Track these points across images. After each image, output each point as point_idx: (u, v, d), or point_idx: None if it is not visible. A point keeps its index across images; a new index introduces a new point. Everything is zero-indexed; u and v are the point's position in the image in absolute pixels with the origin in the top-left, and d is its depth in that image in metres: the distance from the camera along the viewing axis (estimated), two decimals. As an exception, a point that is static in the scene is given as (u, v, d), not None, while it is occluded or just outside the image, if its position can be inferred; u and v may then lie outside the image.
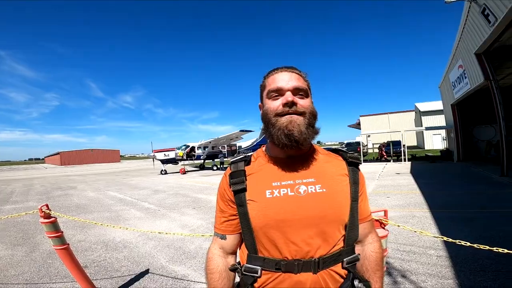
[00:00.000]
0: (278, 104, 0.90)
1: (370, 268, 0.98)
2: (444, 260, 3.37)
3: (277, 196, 0.89)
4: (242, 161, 1.01)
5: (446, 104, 19.33)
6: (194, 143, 23.57)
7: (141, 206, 8.09)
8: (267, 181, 0.93)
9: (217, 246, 1.03)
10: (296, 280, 0.84)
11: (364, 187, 1.01)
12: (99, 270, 3.63)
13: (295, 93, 0.91)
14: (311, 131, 0.91)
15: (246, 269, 0.92)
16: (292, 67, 0.98)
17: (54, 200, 10.09)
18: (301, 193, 0.89)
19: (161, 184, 14.01)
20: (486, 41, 9.41)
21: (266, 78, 0.99)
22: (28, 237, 5.34)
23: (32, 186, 16.00)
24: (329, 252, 0.87)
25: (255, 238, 0.91)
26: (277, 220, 0.87)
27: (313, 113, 0.93)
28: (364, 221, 1.00)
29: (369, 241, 1.01)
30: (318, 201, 0.88)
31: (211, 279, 0.98)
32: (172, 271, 3.50)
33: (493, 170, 11.36)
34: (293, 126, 0.87)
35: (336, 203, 0.89)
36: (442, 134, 29.76)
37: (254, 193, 0.92)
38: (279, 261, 0.86)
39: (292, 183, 0.91)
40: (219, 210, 1.04)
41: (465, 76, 12.93)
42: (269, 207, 0.88)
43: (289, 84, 0.91)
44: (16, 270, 3.80)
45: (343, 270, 0.90)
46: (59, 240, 2.80)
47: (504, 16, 7.57)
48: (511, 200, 6.33)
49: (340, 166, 0.98)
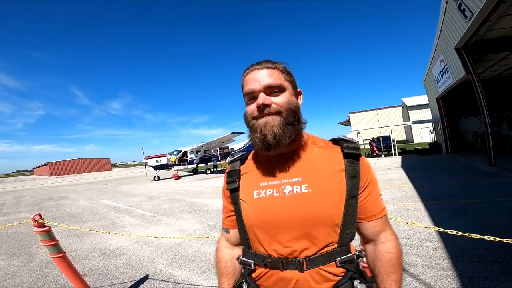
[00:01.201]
0: (254, 107, 0.89)
1: (383, 270, 0.89)
2: (441, 252, 3.43)
3: (263, 196, 0.90)
4: (238, 160, 1.06)
5: (431, 98, 19.82)
6: (186, 147, 23.48)
7: (136, 213, 8.06)
8: (256, 181, 0.95)
9: (224, 238, 1.11)
10: (282, 277, 0.85)
11: (369, 180, 0.92)
12: (99, 277, 3.65)
13: (269, 92, 0.88)
14: (290, 129, 0.87)
15: (241, 262, 0.97)
16: (265, 61, 0.93)
17: (46, 210, 9.97)
18: (286, 193, 0.87)
19: (155, 190, 13.93)
20: (464, 36, 9.75)
21: (242, 79, 0.95)
22: (23, 248, 5.30)
23: (22, 198, 15.70)
24: (317, 253, 0.85)
25: (247, 235, 0.94)
26: (261, 221, 0.89)
27: (291, 109, 0.88)
28: (373, 219, 0.92)
29: (382, 240, 0.92)
30: (302, 202, 0.85)
31: (219, 268, 1.07)
32: (172, 275, 3.54)
33: (481, 161, 11.66)
34: (267, 129, 0.85)
35: (323, 203, 0.84)
36: (430, 127, 30.44)
37: (244, 193, 0.96)
38: (266, 257, 0.88)
39: (278, 183, 0.90)
40: (223, 206, 1.10)
41: (447, 70, 13.32)
42: (255, 207, 0.91)
43: (260, 84, 0.87)
44: (15, 280, 3.80)
45: (338, 268, 0.86)
46: (55, 249, 2.83)
47: (479, 11, 7.86)
48: (500, 190, 6.53)
49: (336, 160, 0.91)
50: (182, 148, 23.26)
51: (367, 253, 0.96)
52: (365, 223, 0.92)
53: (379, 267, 0.91)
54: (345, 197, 0.86)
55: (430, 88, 19.43)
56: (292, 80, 0.95)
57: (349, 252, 0.88)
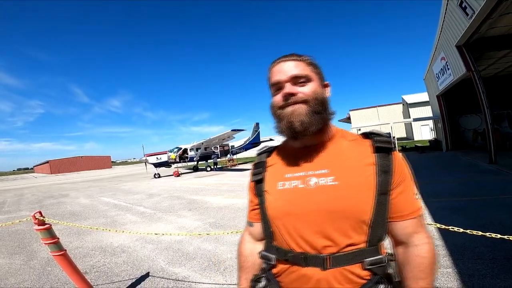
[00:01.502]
0: (280, 97, 0.89)
1: (411, 274, 0.84)
2: (441, 249, 3.43)
3: (287, 188, 0.89)
4: (265, 153, 1.06)
5: (431, 95, 19.77)
6: (186, 145, 23.47)
7: (137, 211, 8.08)
8: (281, 173, 0.94)
9: (247, 232, 1.11)
10: (303, 274, 0.83)
11: (403, 176, 0.87)
12: (100, 275, 3.67)
13: (295, 82, 0.88)
14: (317, 118, 0.86)
15: (262, 256, 0.97)
16: (291, 54, 0.94)
17: (47, 208, 9.99)
18: (311, 185, 0.85)
19: (155, 187, 13.95)
20: (465, 34, 9.69)
21: (268, 71, 0.96)
22: (25, 246, 5.32)
23: (23, 196, 15.72)
24: (342, 251, 0.81)
25: (270, 228, 0.93)
26: (284, 213, 0.88)
27: (317, 99, 0.88)
28: (406, 218, 0.85)
29: (415, 242, 0.85)
30: (328, 195, 0.82)
31: (239, 261, 1.10)
32: (172, 273, 3.55)
33: (481, 158, 11.64)
34: (294, 117, 0.85)
35: (350, 197, 0.80)
36: (430, 125, 30.40)
37: (269, 184, 0.96)
38: (288, 252, 0.87)
39: (304, 174, 0.88)
40: (249, 200, 1.09)
41: (448, 68, 13.28)
42: (279, 199, 0.90)
43: (286, 74, 0.88)
44: (16, 278, 3.82)
45: (365, 271, 0.81)
46: (56, 246, 2.84)
47: (481, 8, 7.81)
48: (501, 187, 6.52)
49: (365, 153, 0.87)
50: (182, 146, 23.25)
51: (397, 256, 0.90)
52: (396, 222, 0.86)
53: (407, 271, 0.85)
54: (375, 193, 0.81)
55: (430, 85, 19.37)
56: (319, 72, 0.95)
57: (379, 253, 0.84)
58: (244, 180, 13.31)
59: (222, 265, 3.63)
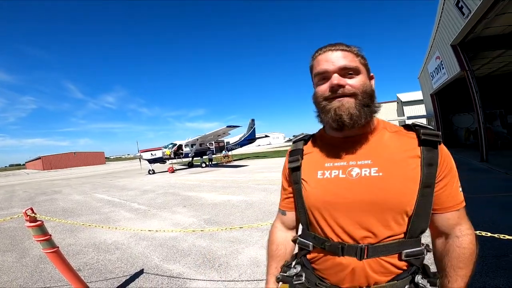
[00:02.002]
0: (326, 87, 0.86)
1: (450, 264, 0.84)
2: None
3: (327, 177, 0.88)
4: (302, 141, 1.04)
5: (425, 94, 19.95)
6: (181, 141, 23.38)
7: (131, 207, 8.03)
8: (320, 162, 0.92)
9: (279, 221, 1.11)
10: (339, 262, 0.84)
11: (449, 169, 0.86)
12: (93, 272, 3.64)
13: (343, 73, 0.85)
14: (366, 111, 0.84)
15: (299, 242, 0.98)
16: (339, 43, 0.89)
17: (39, 205, 9.87)
18: (353, 176, 0.84)
19: (150, 184, 13.88)
20: (461, 33, 9.77)
21: (313, 59, 0.92)
22: (17, 243, 5.25)
23: (14, 193, 15.52)
24: (382, 241, 0.81)
25: (308, 216, 0.93)
26: (324, 202, 0.87)
27: (366, 92, 0.85)
28: (449, 210, 0.85)
29: (457, 234, 0.85)
30: (371, 186, 0.81)
31: (270, 249, 1.08)
32: (167, 269, 3.54)
33: (473, 156, 11.78)
34: (341, 110, 0.82)
35: (394, 189, 0.80)
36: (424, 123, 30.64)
37: (307, 173, 0.94)
38: (325, 240, 0.87)
39: (345, 164, 0.87)
40: (282, 188, 1.09)
41: (442, 67, 13.39)
42: (318, 188, 0.89)
43: (335, 64, 0.84)
44: (9, 276, 3.77)
45: (401, 262, 0.82)
46: (48, 243, 2.80)
47: (477, 8, 7.87)
48: (492, 185, 6.60)
49: (410, 146, 0.86)
50: (177, 142, 23.15)
51: (435, 247, 0.91)
52: (439, 214, 0.86)
53: (446, 261, 0.85)
54: (419, 186, 0.80)
55: (425, 84, 19.54)
56: (366, 64, 0.92)
57: (418, 245, 0.84)
58: (239, 176, 13.32)
59: (217, 261, 3.63)
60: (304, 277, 0.94)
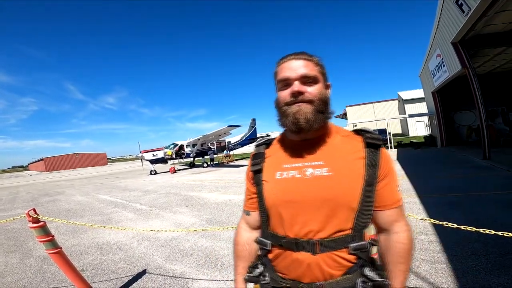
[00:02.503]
0: (287, 93, 0.93)
1: (392, 259, 0.93)
2: (436, 245, 3.45)
3: (285, 177, 0.95)
4: (264, 145, 1.10)
5: (427, 91, 19.87)
6: (182, 141, 23.39)
7: (133, 208, 8.05)
8: (279, 163, 0.99)
9: (244, 221, 1.15)
10: (295, 258, 0.89)
11: (388, 170, 0.94)
12: (96, 273, 3.66)
13: (303, 81, 0.92)
14: (320, 117, 0.93)
15: (259, 242, 1.03)
16: (301, 53, 0.97)
17: (42, 206, 9.91)
18: (307, 175, 0.92)
19: (152, 184, 13.91)
20: (461, 31, 9.73)
21: (277, 66, 1.00)
22: (20, 244, 5.28)
23: (18, 194, 15.60)
24: (331, 236, 0.88)
25: (268, 215, 0.99)
26: (282, 201, 0.93)
27: (322, 100, 0.94)
28: (389, 208, 0.94)
29: (395, 230, 0.94)
30: (322, 184, 0.89)
31: (236, 250, 1.13)
32: (169, 269, 3.55)
33: (475, 154, 11.73)
34: (300, 114, 0.90)
35: (342, 187, 0.88)
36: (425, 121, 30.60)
37: (267, 174, 1.01)
38: (282, 238, 0.93)
39: (301, 165, 0.94)
40: (246, 189, 1.14)
41: (443, 65, 13.34)
42: (276, 187, 0.96)
43: (296, 73, 0.92)
44: (13, 277, 3.79)
45: (350, 255, 0.89)
46: (51, 244, 2.81)
47: (476, 6, 7.84)
48: (494, 183, 6.59)
49: (357, 148, 0.95)
50: (179, 142, 23.17)
51: (380, 242, 0.98)
52: (380, 211, 0.94)
53: (389, 256, 0.94)
54: (363, 184, 0.89)
55: (426, 82, 19.46)
56: (324, 73, 0.99)
57: (362, 239, 0.91)
58: (241, 176, 13.32)
59: (219, 261, 3.64)
60: (269, 277, 0.99)
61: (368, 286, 0.88)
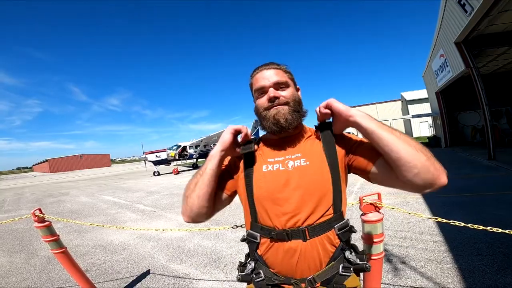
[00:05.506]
0: (265, 100, 1.06)
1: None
2: (441, 245, 3.42)
3: (270, 170, 1.04)
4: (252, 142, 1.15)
5: (430, 92, 19.79)
6: (185, 142, 23.48)
7: (137, 208, 8.09)
8: (264, 158, 1.09)
9: None
10: (288, 247, 0.94)
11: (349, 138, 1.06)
12: (100, 273, 3.67)
13: (277, 87, 1.05)
14: (297, 115, 1.06)
15: (248, 234, 1.05)
16: (271, 63, 1.10)
17: (47, 207, 9.98)
18: (289, 167, 1.01)
19: (155, 185, 13.96)
20: (464, 30, 9.68)
21: (251, 78, 1.13)
22: (25, 244, 5.32)
23: (23, 195, 15.71)
24: (317, 221, 0.94)
25: (255, 207, 1.03)
26: (268, 191, 0.99)
27: (296, 100, 1.07)
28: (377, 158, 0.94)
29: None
30: (303, 173, 0.98)
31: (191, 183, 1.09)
32: (173, 270, 3.56)
33: (480, 154, 11.66)
34: (279, 116, 1.02)
35: (318, 173, 0.97)
36: (429, 121, 30.43)
37: (255, 168, 1.08)
38: (271, 230, 0.97)
39: (283, 159, 1.05)
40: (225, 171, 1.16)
41: (447, 65, 13.27)
42: (263, 179, 1.03)
43: (269, 81, 1.04)
44: (17, 277, 3.82)
45: (336, 237, 0.96)
46: (56, 244, 2.83)
47: (479, 5, 7.80)
48: (500, 183, 6.54)
49: (316, 136, 1.10)
50: (182, 143, 23.26)
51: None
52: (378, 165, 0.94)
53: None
54: (328, 163, 0.99)
55: (429, 82, 19.37)
56: (293, 79, 1.13)
57: (343, 218, 0.99)
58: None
59: (223, 261, 3.64)
60: (263, 274, 1.00)
61: (349, 271, 0.95)
